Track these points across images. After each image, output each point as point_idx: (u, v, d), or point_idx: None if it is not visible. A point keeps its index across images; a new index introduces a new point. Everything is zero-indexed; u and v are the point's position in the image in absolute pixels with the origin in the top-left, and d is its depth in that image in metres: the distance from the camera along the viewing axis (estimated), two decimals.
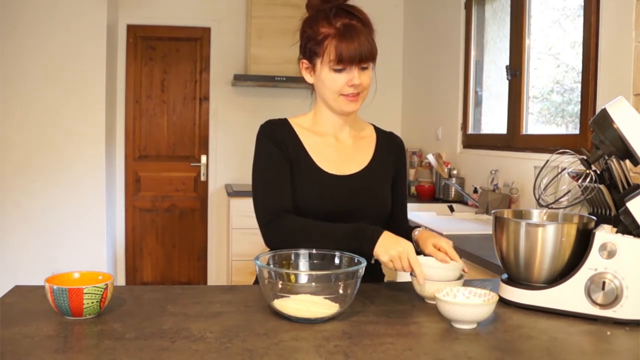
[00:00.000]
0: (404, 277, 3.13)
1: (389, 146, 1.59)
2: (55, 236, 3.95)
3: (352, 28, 1.39)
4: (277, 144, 1.47)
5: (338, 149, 1.53)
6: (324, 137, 1.53)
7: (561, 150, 1.36)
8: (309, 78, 1.49)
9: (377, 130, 1.62)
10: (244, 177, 4.44)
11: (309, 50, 1.45)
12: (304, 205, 1.45)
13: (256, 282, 1.56)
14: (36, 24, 3.86)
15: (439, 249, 1.34)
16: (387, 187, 1.56)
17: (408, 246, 1.29)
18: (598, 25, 2.36)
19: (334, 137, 1.53)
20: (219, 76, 4.52)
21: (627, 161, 1.23)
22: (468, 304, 1.13)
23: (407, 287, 1.35)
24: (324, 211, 1.44)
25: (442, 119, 3.97)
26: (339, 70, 1.40)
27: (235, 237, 3.98)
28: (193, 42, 4.52)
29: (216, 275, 4.59)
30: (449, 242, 1.36)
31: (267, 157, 1.47)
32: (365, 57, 1.39)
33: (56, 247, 3.94)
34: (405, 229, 1.50)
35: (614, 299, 1.15)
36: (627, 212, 1.16)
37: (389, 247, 1.29)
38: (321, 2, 1.45)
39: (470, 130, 3.65)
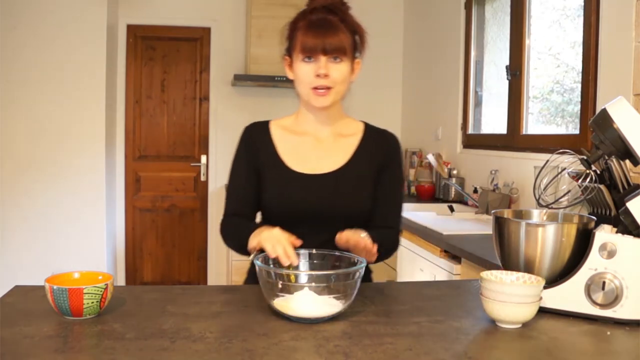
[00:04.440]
0: (404, 277, 3.12)
1: (377, 144, 1.51)
2: (55, 236, 3.95)
3: (324, 20, 1.39)
4: (249, 150, 1.50)
5: (316, 148, 1.49)
6: (303, 137, 1.51)
7: (561, 150, 1.35)
8: (290, 74, 1.47)
9: (368, 128, 1.54)
10: None
11: (288, 44, 1.46)
12: (271, 206, 1.45)
13: (247, 281, 1.58)
14: (36, 24, 3.86)
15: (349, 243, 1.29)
16: (368, 187, 1.47)
17: (278, 232, 1.27)
18: (598, 25, 2.36)
19: (314, 136, 1.50)
20: (219, 76, 4.52)
21: (627, 161, 1.23)
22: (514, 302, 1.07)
23: (407, 287, 1.35)
24: (292, 211, 1.43)
25: (442, 119, 3.97)
26: (308, 61, 1.39)
27: None
28: (193, 42, 4.52)
29: (216, 275, 4.59)
30: (355, 235, 1.29)
31: (237, 163, 1.53)
32: (331, 48, 1.37)
33: (56, 247, 3.94)
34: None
35: (614, 299, 1.15)
36: (627, 212, 1.16)
37: (262, 236, 1.28)
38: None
39: (470, 130, 3.65)
